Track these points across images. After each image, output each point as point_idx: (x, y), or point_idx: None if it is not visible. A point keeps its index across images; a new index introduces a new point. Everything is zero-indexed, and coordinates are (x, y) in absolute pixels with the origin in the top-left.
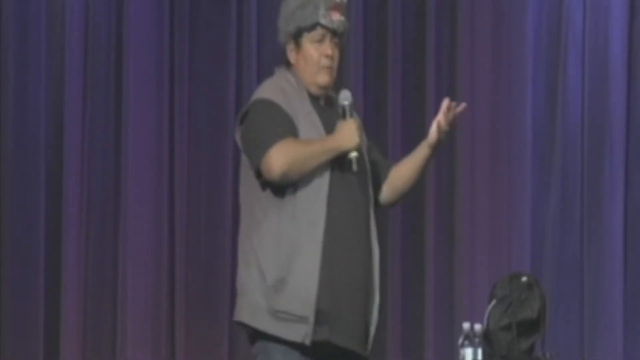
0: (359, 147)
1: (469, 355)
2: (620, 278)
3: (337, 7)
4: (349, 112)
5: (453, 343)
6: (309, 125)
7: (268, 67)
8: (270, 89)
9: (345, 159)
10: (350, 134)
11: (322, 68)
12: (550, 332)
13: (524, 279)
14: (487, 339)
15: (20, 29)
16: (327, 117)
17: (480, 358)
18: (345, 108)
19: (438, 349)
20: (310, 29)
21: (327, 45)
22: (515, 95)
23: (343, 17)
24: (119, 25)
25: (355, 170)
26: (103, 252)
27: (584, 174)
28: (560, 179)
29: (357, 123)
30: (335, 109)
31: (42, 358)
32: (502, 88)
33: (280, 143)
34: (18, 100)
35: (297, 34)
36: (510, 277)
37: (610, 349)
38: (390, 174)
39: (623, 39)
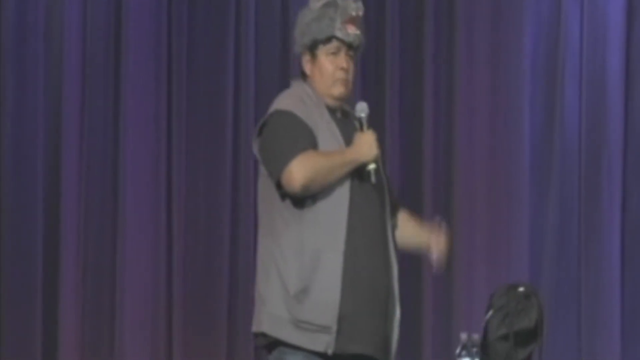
0: (377, 159)
1: None
2: (618, 290)
3: (352, 20)
4: (366, 124)
5: (450, 353)
6: (329, 135)
7: (266, 67)
8: (289, 100)
9: (364, 171)
10: (369, 146)
11: (336, 80)
12: (548, 342)
13: (522, 289)
14: (484, 349)
15: (19, 34)
16: (344, 128)
17: None
18: (362, 120)
19: (436, 359)
20: (326, 42)
21: (342, 58)
22: (513, 114)
23: (359, 30)
24: (117, 27)
25: (374, 182)
26: (101, 255)
27: (582, 189)
28: (559, 193)
29: (374, 135)
30: (351, 121)
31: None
32: (500, 107)
33: (301, 156)
34: (16, 103)
35: (312, 46)
36: (508, 287)
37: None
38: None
39: (620, 59)
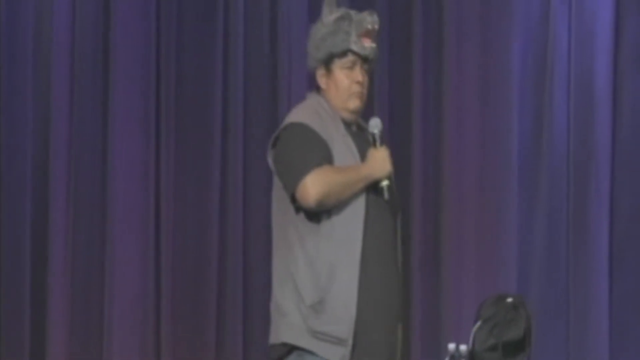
0: (391, 175)
1: None
2: (606, 300)
3: (368, 33)
4: (379, 140)
5: None
6: (345, 149)
7: (254, 71)
8: (305, 113)
9: (378, 187)
10: (383, 163)
11: (352, 94)
12: (536, 352)
13: (510, 300)
14: None
15: (8, 36)
16: (360, 142)
17: None
18: (376, 136)
19: None
20: (342, 55)
21: (357, 72)
22: (502, 123)
23: (374, 43)
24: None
25: (387, 199)
26: (89, 256)
27: (570, 197)
28: (547, 202)
29: (388, 151)
30: (366, 136)
31: None
32: (488, 116)
33: (316, 171)
34: (4, 105)
35: (327, 60)
36: (496, 297)
37: None
38: None
39: (608, 67)
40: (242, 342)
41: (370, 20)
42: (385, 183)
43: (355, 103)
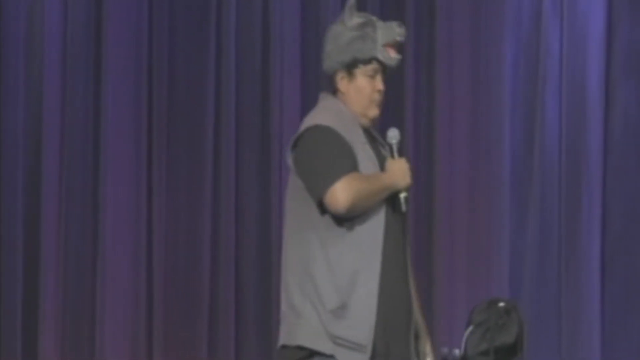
0: (409, 187)
1: None
2: (598, 305)
3: (394, 44)
4: (397, 151)
5: None
6: (366, 156)
7: (246, 80)
8: (329, 116)
9: (396, 198)
10: (404, 174)
11: (373, 102)
12: (529, 355)
13: (502, 305)
14: None
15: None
16: (376, 149)
17: None
18: (393, 147)
19: None
20: (366, 63)
21: (379, 81)
22: (494, 128)
23: (399, 55)
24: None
25: (404, 210)
26: (81, 255)
27: (562, 203)
28: (539, 207)
29: (408, 163)
30: (377, 145)
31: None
32: (480, 121)
33: (346, 178)
34: None
35: (351, 65)
36: (489, 302)
37: None
38: None
39: (600, 72)
40: (234, 337)
41: (399, 32)
42: (404, 195)
43: (375, 111)
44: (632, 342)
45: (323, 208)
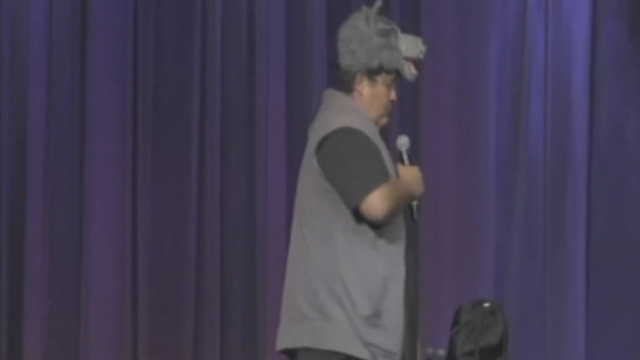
0: (422, 196)
1: None
2: (582, 305)
3: (415, 61)
4: (408, 158)
5: None
6: (388, 162)
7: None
8: (355, 117)
9: (409, 206)
10: (418, 182)
11: (386, 110)
12: (514, 355)
13: (487, 305)
14: None
15: None
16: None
17: None
18: (404, 154)
19: None
20: (389, 72)
21: (394, 91)
22: (479, 128)
23: (417, 71)
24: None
25: (416, 218)
26: (67, 256)
27: (546, 204)
28: (524, 207)
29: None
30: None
31: (5, 359)
32: (466, 121)
33: (384, 186)
34: None
35: (376, 71)
36: (474, 303)
37: None
38: None
39: (585, 73)
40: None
41: (422, 50)
42: (416, 203)
43: (386, 120)
44: (616, 342)
45: (357, 214)
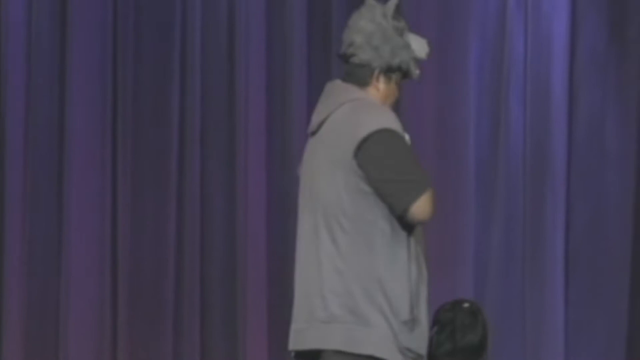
0: None
1: None
2: (562, 304)
3: (420, 62)
4: None
5: None
6: None
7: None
8: (390, 117)
9: None
10: None
11: (391, 108)
12: (493, 355)
13: (467, 305)
14: None
15: None
16: None
17: None
18: None
19: None
20: (403, 71)
21: (398, 91)
22: (458, 128)
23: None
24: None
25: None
26: (46, 256)
27: (526, 206)
28: (503, 208)
29: None
30: None
31: None
32: (445, 121)
33: (430, 190)
34: None
35: (394, 70)
36: (453, 303)
37: None
38: None
39: (564, 72)
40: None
41: (427, 52)
42: None
43: None
44: (596, 343)
45: (397, 217)
